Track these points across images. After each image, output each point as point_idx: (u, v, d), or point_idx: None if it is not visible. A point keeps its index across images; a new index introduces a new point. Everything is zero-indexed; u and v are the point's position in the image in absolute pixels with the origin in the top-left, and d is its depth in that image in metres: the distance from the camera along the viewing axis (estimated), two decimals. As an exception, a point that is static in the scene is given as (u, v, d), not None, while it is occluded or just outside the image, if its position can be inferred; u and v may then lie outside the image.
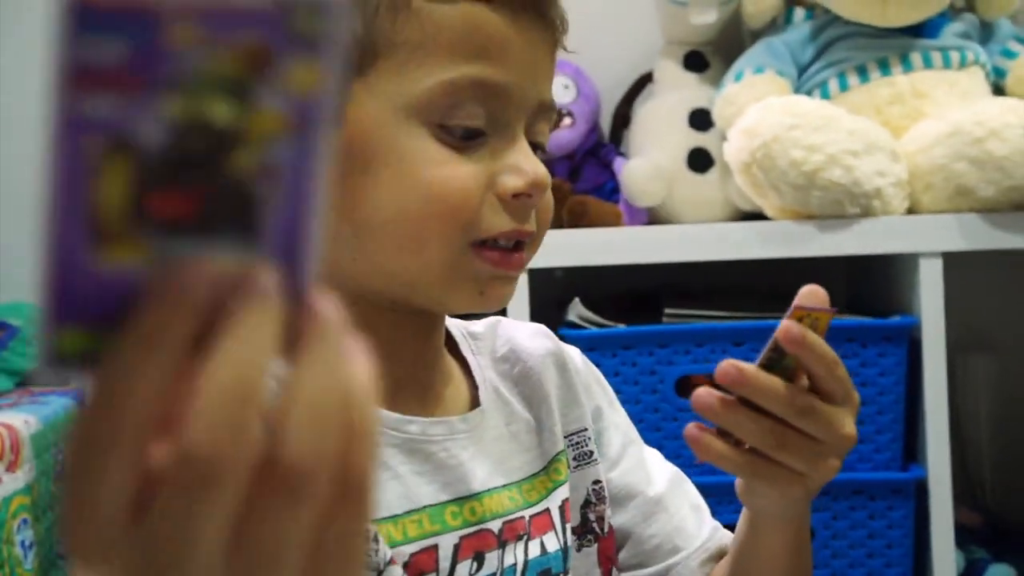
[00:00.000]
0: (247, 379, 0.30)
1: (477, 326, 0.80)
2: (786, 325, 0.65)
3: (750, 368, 0.65)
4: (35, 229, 0.30)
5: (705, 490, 0.90)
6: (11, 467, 1.38)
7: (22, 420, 1.47)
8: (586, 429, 0.81)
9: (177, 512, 0.30)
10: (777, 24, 1.68)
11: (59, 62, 0.30)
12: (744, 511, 0.77)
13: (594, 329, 1.49)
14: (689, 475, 0.89)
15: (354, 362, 0.33)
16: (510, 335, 0.80)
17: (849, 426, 0.67)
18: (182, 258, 0.31)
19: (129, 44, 0.30)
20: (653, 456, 0.88)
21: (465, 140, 0.65)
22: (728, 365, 0.65)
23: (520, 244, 0.68)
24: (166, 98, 0.30)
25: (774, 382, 0.65)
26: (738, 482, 0.73)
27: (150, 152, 0.31)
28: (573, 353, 0.84)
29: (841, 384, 0.66)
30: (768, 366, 0.66)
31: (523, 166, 0.66)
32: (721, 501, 1.01)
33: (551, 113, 0.70)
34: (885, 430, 1.45)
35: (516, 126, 0.67)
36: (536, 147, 0.69)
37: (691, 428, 0.68)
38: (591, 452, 0.81)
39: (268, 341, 0.31)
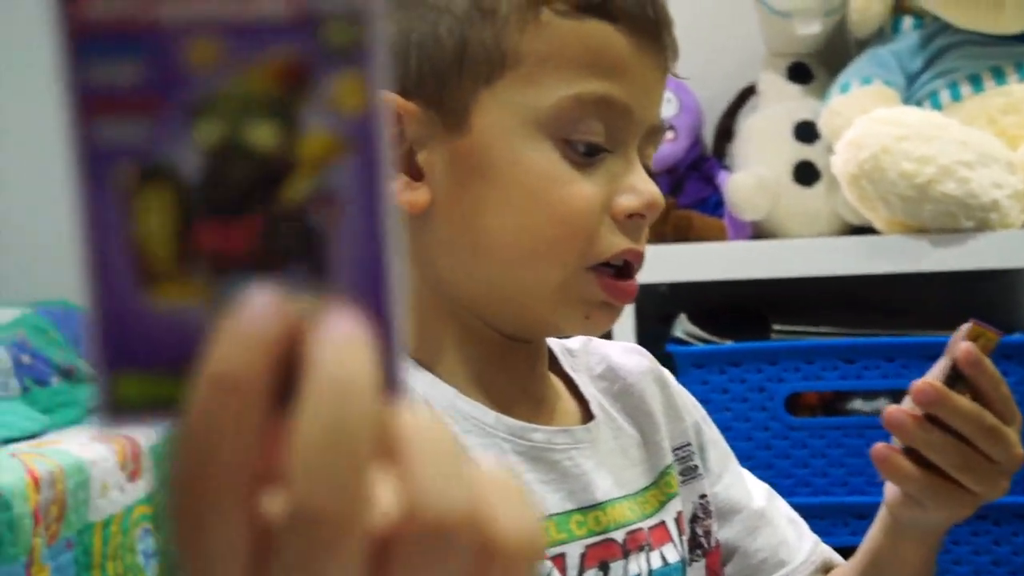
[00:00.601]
0: (348, 426, 0.27)
1: (573, 343, 0.81)
2: (966, 347, 0.67)
3: (943, 387, 0.66)
4: (77, 269, 0.28)
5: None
6: (133, 477, 1.42)
7: (143, 431, 1.51)
8: (689, 444, 0.81)
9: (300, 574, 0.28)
10: (884, 33, 1.65)
11: (68, 90, 0.28)
12: (883, 521, 0.77)
13: (701, 345, 1.48)
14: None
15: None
16: (604, 353, 0.81)
17: (1019, 446, 0.69)
18: (247, 294, 0.28)
19: (142, 65, 0.28)
20: (746, 472, 0.88)
21: (586, 157, 0.65)
22: (924, 384, 0.67)
23: (630, 269, 0.68)
24: (197, 121, 0.28)
25: (964, 401, 0.66)
26: (892, 495, 0.73)
27: (189, 180, 0.29)
28: (667, 372, 0.85)
29: (1008, 405, 0.69)
30: (948, 386, 0.67)
31: (639, 186, 0.66)
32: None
33: (659, 137, 0.70)
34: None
35: (631, 146, 0.67)
36: (643, 169, 0.69)
37: (880, 448, 0.70)
38: (696, 466, 0.81)
39: (366, 378, 0.28)
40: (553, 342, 0.79)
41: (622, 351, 0.82)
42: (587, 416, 0.75)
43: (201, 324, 0.29)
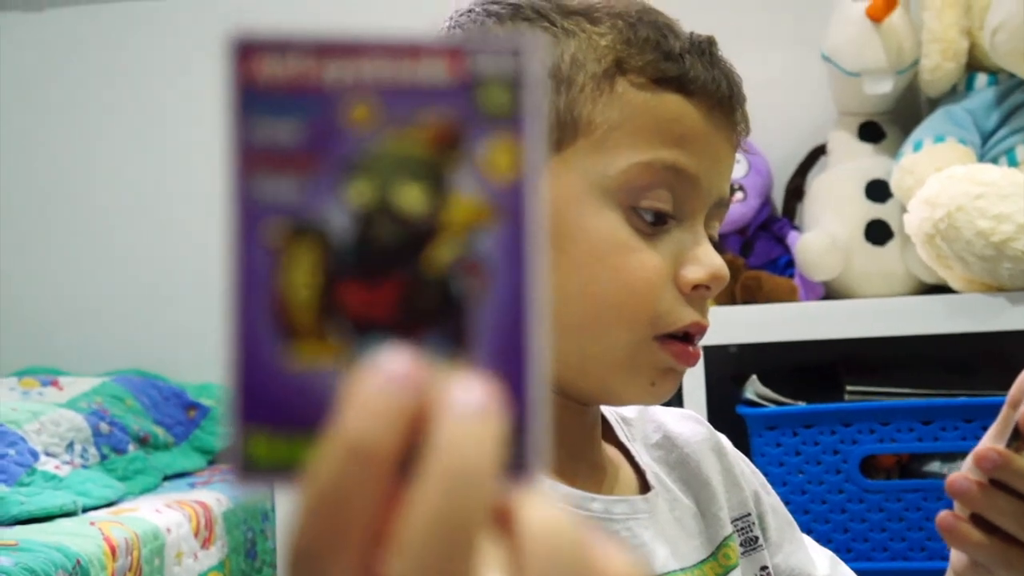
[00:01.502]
0: (460, 513, 0.27)
1: (629, 412, 0.80)
2: None
3: (1006, 451, 0.65)
4: (221, 320, 0.29)
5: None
6: (206, 543, 1.43)
7: (215, 498, 1.53)
8: (750, 514, 0.79)
9: None
10: (957, 91, 1.63)
11: (232, 145, 0.29)
12: None
13: (773, 407, 1.46)
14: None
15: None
16: (660, 421, 0.79)
17: None
18: (382, 358, 0.28)
19: (304, 124, 0.29)
20: (808, 538, 0.86)
21: (653, 226, 0.65)
22: (986, 449, 0.65)
23: (692, 338, 0.67)
24: (350, 181, 0.29)
25: None
26: (959, 561, 0.71)
27: (337, 239, 0.29)
28: (724, 438, 0.83)
29: None
30: (1009, 445, 0.65)
31: (704, 258, 0.66)
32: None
33: (724, 211, 0.70)
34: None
35: (698, 217, 0.67)
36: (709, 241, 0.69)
37: (946, 516, 0.67)
38: (756, 537, 0.79)
39: (487, 463, 0.27)
40: (608, 411, 0.78)
41: (678, 418, 0.81)
42: (644, 486, 0.74)
43: (335, 387, 0.28)
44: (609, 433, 0.77)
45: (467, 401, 0.27)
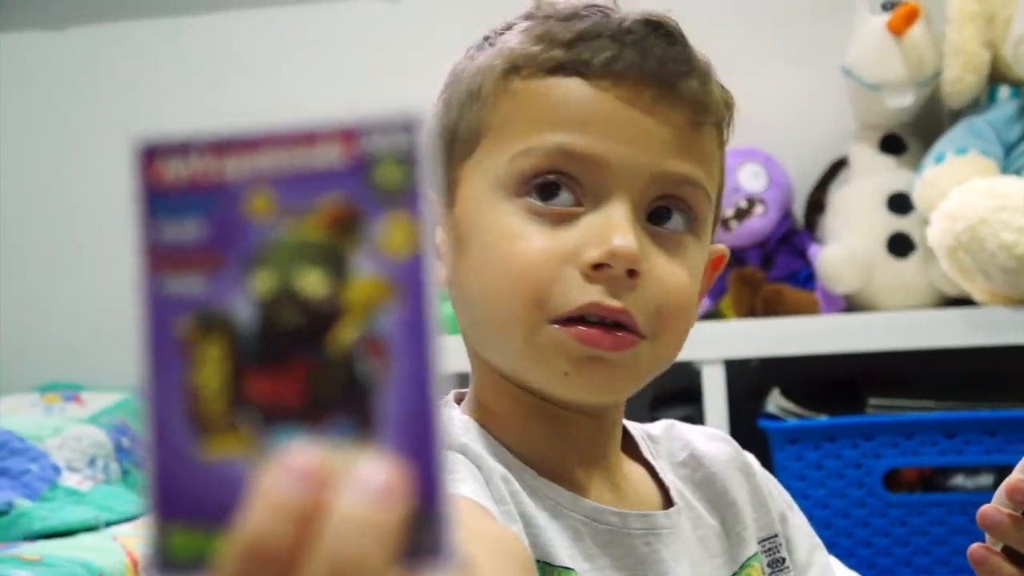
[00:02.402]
0: None
1: (654, 429, 0.79)
2: None
3: None
4: (139, 415, 0.30)
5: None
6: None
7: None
8: (777, 535, 0.78)
9: None
10: (979, 103, 1.63)
11: (140, 246, 0.30)
12: None
13: (795, 421, 1.45)
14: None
15: None
16: (687, 439, 0.78)
17: None
18: (286, 449, 0.28)
19: (207, 220, 0.30)
20: (834, 560, 0.84)
21: (557, 210, 0.63)
22: (1018, 481, 0.63)
23: (620, 326, 0.63)
24: (254, 272, 0.29)
25: None
26: None
27: (243, 330, 0.29)
28: (752, 458, 0.82)
29: None
30: None
31: (608, 236, 0.62)
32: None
33: (685, 189, 0.66)
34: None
35: (615, 197, 0.63)
36: (666, 224, 0.65)
37: (977, 549, 0.66)
38: (783, 559, 0.78)
39: (378, 549, 0.27)
40: (635, 428, 0.77)
41: (706, 438, 0.80)
42: (667, 503, 0.73)
43: (246, 477, 0.29)
44: (634, 450, 0.76)
45: (367, 483, 0.27)
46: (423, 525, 0.28)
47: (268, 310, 0.29)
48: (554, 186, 0.64)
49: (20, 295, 2.05)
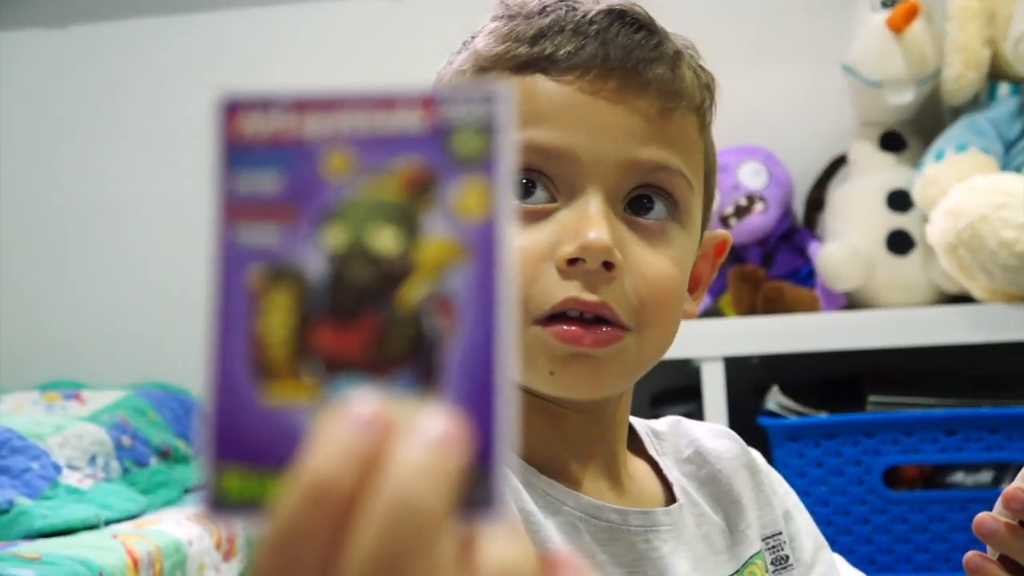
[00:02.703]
0: (402, 539, 0.27)
1: (660, 425, 0.78)
2: None
3: None
4: (200, 362, 0.30)
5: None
6: (227, 556, 1.43)
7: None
8: (780, 533, 0.78)
9: None
10: (979, 100, 1.63)
11: (216, 196, 0.30)
12: None
13: (795, 418, 1.45)
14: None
15: None
16: (693, 436, 0.78)
17: None
18: (349, 398, 0.29)
19: (284, 175, 0.30)
20: (838, 558, 0.84)
21: (533, 211, 0.63)
22: (1016, 491, 0.63)
23: (602, 321, 0.63)
24: (327, 227, 0.30)
25: None
26: None
27: (313, 283, 0.30)
28: (757, 455, 0.82)
29: None
30: None
31: (581, 230, 0.61)
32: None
33: (661, 175, 0.65)
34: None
35: (587, 190, 0.63)
36: (647, 214, 0.65)
37: (973, 557, 0.65)
38: (787, 557, 0.78)
39: (436, 495, 0.28)
40: (639, 424, 0.77)
41: (712, 435, 0.80)
42: (670, 499, 0.73)
43: (306, 425, 0.29)
44: (639, 446, 0.76)
45: (428, 432, 0.28)
46: (479, 478, 0.29)
47: (339, 264, 0.30)
48: (529, 184, 0.63)
49: (20, 294, 2.05)
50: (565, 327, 0.62)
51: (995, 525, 0.64)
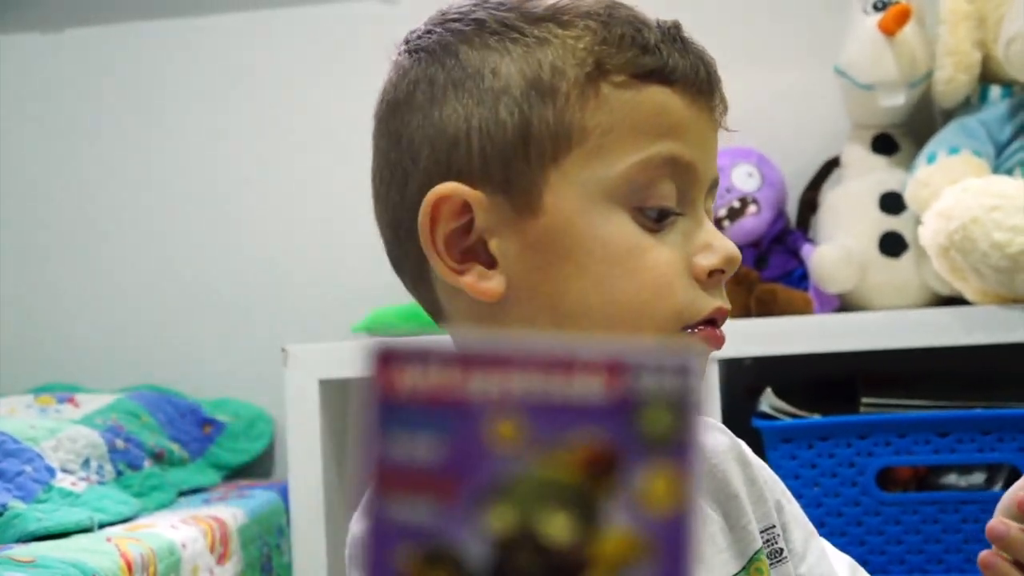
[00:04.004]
0: None
1: None
2: None
3: None
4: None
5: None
6: (221, 559, 1.43)
7: (230, 513, 1.53)
8: (774, 526, 0.78)
9: None
10: (971, 103, 1.63)
11: (371, 461, 0.27)
12: None
13: (789, 419, 1.46)
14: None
15: None
16: None
17: None
18: None
19: (445, 440, 0.27)
20: (828, 545, 0.85)
21: (659, 221, 0.65)
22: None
23: (716, 322, 0.68)
24: (492, 506, 0.27)
25: None
26: None
27: (474, 568, 0.26)
28: (746, 446, 0.82)
29: None
30: None
31: (714, 243, 0.66)
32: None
33: (716, 190, 0.71)
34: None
35: (699, 204, 0.67)
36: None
37: (987, 555, 0.66)
38: (781, 549, 0.78)
39: None
40: None
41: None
42: None
43: None
44: None
45: None
46: None
47: (504, 551, 0.26)
48: (665, 195, 0.65)
49: (14, 297, 2.04)
50: (712, 331, 0.67)
51: (1004, 529, 0.65)
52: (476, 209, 0.65)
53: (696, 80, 0.66)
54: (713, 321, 0.67)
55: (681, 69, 0.65)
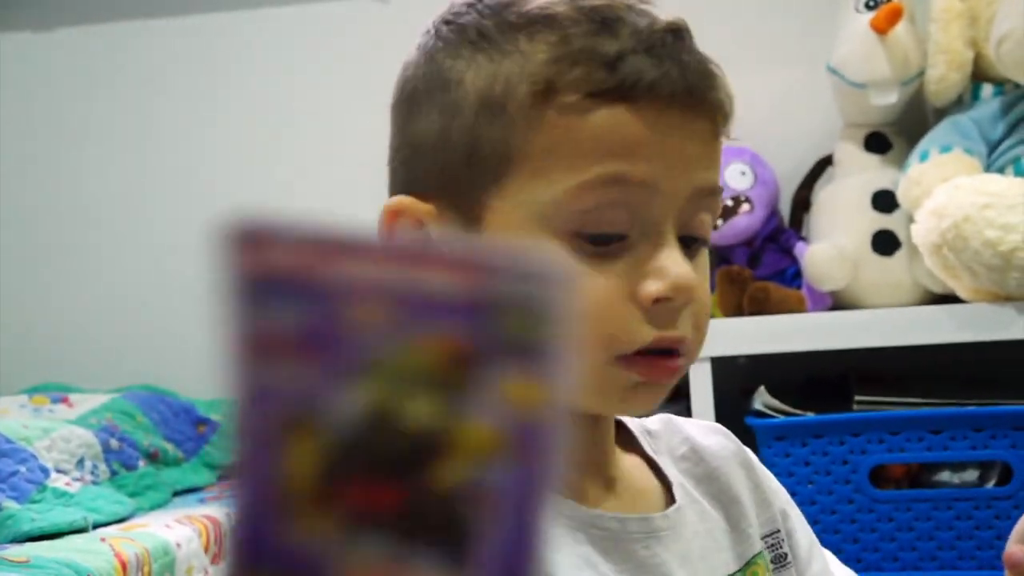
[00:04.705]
0: None
1: (653, 424, 0.78)
2: None
3: None
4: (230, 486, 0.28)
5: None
6: (215, 559, 1.43)
7: (225, 513, 1.53)
8: (779, 531, 0.78)
9: None
10: (963, 101, 1.64)
11: (234, 331, 0.28)
12: None
13: (782, 418, 1.46)
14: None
15: None
16: (687, 434, 0.77)
17: None
18: (376, 555, 0.27)
19: (310, 316, 0.27)
20: (829, 554, 0.84)
21: (603, 246, 0.62)
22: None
23: (671, 350, 0.64)
24: (356, 380, 0.27)
25: None
26: None
27: (341, 435, 0.27)
28: (751, 452, 0.82)
29: None
30: None
31: (666, 268, 0.62)
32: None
33: (711, 200, 0.66)
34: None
35: (664, 225, 0.63)
36: (696, 240, 0.66)
37: (1016, 552, 0.65)
38: (786, 555, 0.78)
39: None
40: (632, 422, 0.76)
41: (705, 432, 0.79)
42: (669, 499, 0.73)
43: (331, 561, 0.27)
44: (633, 444, 0.75)
45: None
46: None
47: (369, 423, 0.27)
48: (609, 220, 0.62)
49: (7, 298, 2.04)
50: (647, 365, 0.63)
51: (1022, 556, 0.64)
52: (428, 223, 0.65)
53: (669, 90, 0.62)
54: (664, 351, 0.64)
55: (648, 81, 0.61)
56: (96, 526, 1.35)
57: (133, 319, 2.01)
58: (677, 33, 0.64)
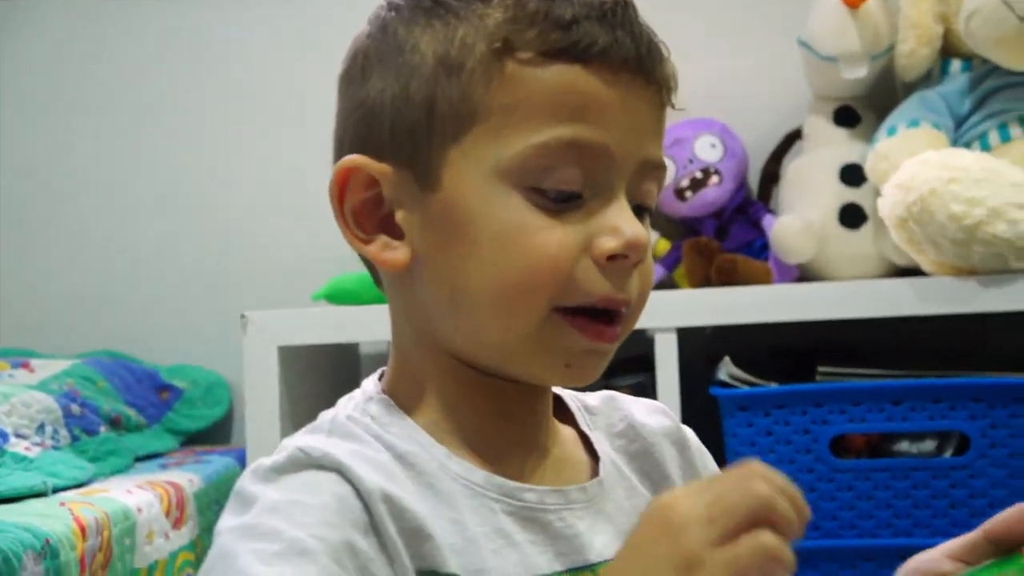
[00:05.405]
0: None
1: (592, 399, 0.78)
2: None
3: None
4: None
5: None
6: (177, 524, 1.42)
7: (187, 479, 1.53)
8: None
9: None
10: (932, 76, 1.64)
11: None
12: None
13: (746, 388, 1.47)
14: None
15: None
16: (627, 411, 0.78)
17: None
18: None
19: None
20: None
21: (560, 203, 0.64)
22: None
23: (615, 316, 0.66)
24: None
25: None
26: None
27: None
28: (690, 433, 0.82)
29: None
30: None
31: (620, 227, 0.64)
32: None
33: (658, 172, 0.68)
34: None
35: (617, 187, 0.65)
36: (643, 209, 0.68)
37: None
38: None
39: None
40: (570, 398, 0.77)
41: (647, 411, 0.80)
42: (596, 473, 0.73)
43: None
44: (569, 419, 0.76)
45: None
46: None
47: None
48: (566, 179, 0.64)
49: (-31, 261, 2.02)
50: (590, 324, 0.65)
51: None
52: (382, 182, 0.66)
53: (621, 57, 0.64)
54: (603, 313, 0.65)
55: (601, 46, 0.63)
56: (56, 490, 1.35)
57: (96, 285, 1.99)
58: (627, 5, 0.66)
